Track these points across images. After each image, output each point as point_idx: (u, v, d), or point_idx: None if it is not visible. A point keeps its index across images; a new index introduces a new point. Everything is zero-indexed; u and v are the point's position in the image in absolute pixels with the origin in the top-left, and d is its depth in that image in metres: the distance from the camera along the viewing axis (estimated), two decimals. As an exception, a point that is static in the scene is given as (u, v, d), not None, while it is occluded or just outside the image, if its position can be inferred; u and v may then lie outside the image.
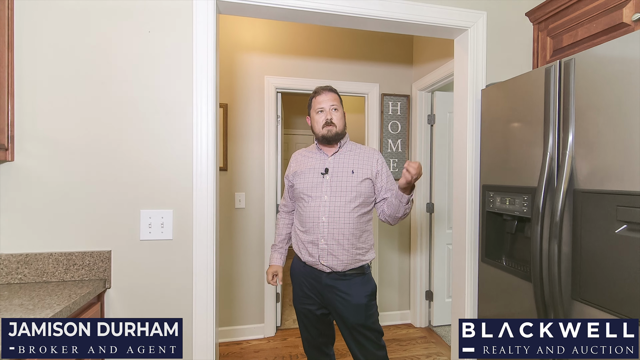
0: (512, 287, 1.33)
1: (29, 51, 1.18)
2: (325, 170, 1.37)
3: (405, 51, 2.77)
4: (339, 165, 1.38)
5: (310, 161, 1.43)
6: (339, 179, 1.36)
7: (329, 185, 1.35)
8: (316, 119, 1.39)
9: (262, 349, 2.36)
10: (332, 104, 1.39)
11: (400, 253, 2.77)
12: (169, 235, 1.29)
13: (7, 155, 1.15)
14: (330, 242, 1.31)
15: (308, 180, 1.38)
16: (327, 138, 1.37)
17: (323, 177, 1.37)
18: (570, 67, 1.08)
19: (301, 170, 1.42)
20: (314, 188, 1.36)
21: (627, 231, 0.92)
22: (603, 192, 0.98)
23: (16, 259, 1.17)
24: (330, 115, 1.37)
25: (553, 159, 1.14)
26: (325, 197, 1.34)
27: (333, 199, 1.33)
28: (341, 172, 1.37)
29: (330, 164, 1.39)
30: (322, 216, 1.32)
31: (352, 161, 1.38)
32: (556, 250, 1.07)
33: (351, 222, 1.32)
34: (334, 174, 1.37)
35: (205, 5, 1.31)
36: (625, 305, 0.91)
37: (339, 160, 1.39)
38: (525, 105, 1.27)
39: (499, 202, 1.38)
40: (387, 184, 1.39)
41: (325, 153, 1.42)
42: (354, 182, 1.34)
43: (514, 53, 1.63)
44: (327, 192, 1.35)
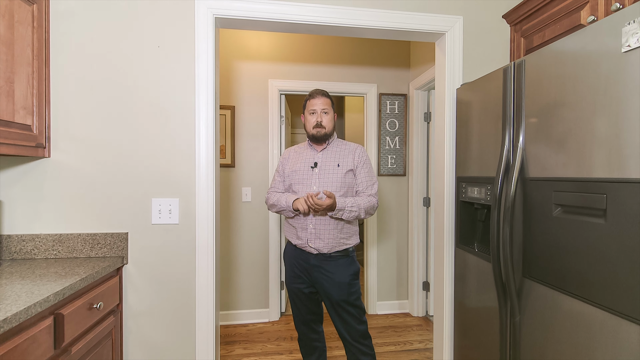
0: (480, 269, 1.45)
1: (61, 67, 1.43)
2: (314, 164, 1.56)
3: (402, 53, 2.89)
4: (327, 160, 1.56)
5: (302, 156, 1.61)
6: (326, 171, 1.54)
7: (317, 177, 1.53)
8: (309, 119, 1.57)
9: (266, 331, 2.56)
10: (324, 108, 1.56)
11: (399, 246, 2.89)
12: (175, 220, 1.51)
13: (45, 153, 1.40)
14: (317, 227, 1.49)
15: (299, 173, 1.57)
16: (316, 137, 1.56)
17: (312, 170, 1.55)
18: (522, 67, 1.20)
19: (293, 164, 1.61)
20: (305, 180, 1.55)
21: (562, 213, 1.03)
22: (543, 179, 1.09)
23: (52, 238, 1.42)
24: (321, 118, 1.55)
25: (510, 151, 1.26)
26: (314, 187, 1.52)
27: (321, 187, 1.51)
28: (328, 165, 1.55)
29: (320, 158, 1.57)
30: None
31: (338, 156, 1.56)
32: (508, 233, 1.19)
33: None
34: (322, 167, 1.55)
35: (205, 24, 1.51)
36: (566, 282, 1.03)
37: (327, 156, 1.57)
38: (489, 103, 1.39)
39: (469, 192, 1.51)
40: (358, 177, 1.56)
41: (315, 149, 1.60)
42: (339, 174, 1.52)
43: (492, 53, 1.73)
44: (315, 182, 1.53)
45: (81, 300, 1.17)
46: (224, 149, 2.65)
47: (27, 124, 1.29)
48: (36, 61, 1.33)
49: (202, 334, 1.52)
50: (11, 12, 1.20)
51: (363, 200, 1.50)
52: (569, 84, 1.02)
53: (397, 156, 2.88)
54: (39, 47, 1.35)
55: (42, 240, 1.41)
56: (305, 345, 1.67)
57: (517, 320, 1.21)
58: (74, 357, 1.12)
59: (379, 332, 2.55)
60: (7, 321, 0.84)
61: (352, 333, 1.52)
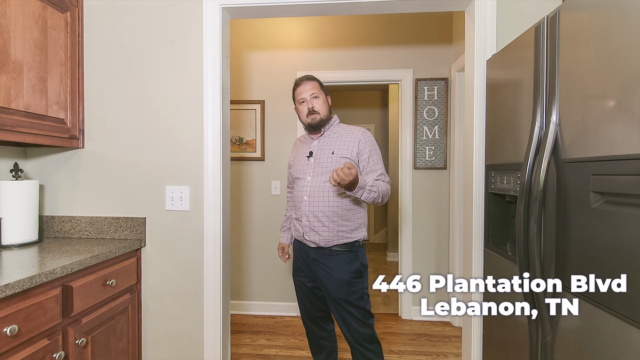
0: (512, 276, 1.20)
1: (94, 67, 1.59)
2: (310, 154, 1.47)
3: (443, 30, 2.60)
4: (322, 148, 1.45)
5: (302, 147, 1.54)
6: (320, 160, 1.43)
7: (312, 167, 1.44)
8: (300, 109, 1.47)
9: (292, 325, 2.54)
10: (312, 93, 1.44)
11: (438, 247, 2.62)
12: (186, 207, 1.56)
13: (79, 143, 1.57)
14: (311, 219, 1.40)
15: (298, 164, 1.50)
16: (313, 125, 1.45)
17: (308, 160, 1.46)
18: (555, 22, 0.95)
19: (294, 156, 1.56)
20: (301, 171, 1.47)
21: (604, 204, 0.78)
22: (579, 160, 0.84)
23: (85, 220, 1.59)
24: (312, 104, 1.43)
25: (541, 128, 1.01)
26: (308, 178, 1.43)
27: (314, 178, 1.41)
28: (322, 154, 1.43)
29: (315, 147, 1.47)
30: (304, 195, 1.42)
31: (333, 143, 1.43)
32: (536, 231, 0.96)
33: (331, 200, 1.38)
34: (317, 156, 1.44)
35: (211, 16, 1.53)
36: (609, 298, 0.77)
37: (322, 144, 1.46)
38: (520, 72, 1.14)
39: (498, 182, 1.26)
40: (368, 166, 1.40)
41: (313, 138, 1.51)
42: (333, 162, 1.39)
43: (534, 13, 1.43)
44: (310, 173, 1.44)
45: (94, 276, 1.28)
46: (254, 143, 2.71)
47: (60, 118, 1.46)
48: (69, 62, 1.50)
49: (209, 320, 1.55)
50: (44, 19, 1.36)
51: (381, 184, 1.33)
52: (615, 34, 0.76)
53: (437, 147, 2.60)
54: (72, 49, 1.51)
55: (77, 221, 1.59)
56: (313, 342, 1.59)
57: (548, 341, 0.97)
58: (84, 327, 1.23)
59: (411, 339, 2.34)
60: (10, 287, 0.94)
61: (354, 335, 1.40)
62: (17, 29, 1.25)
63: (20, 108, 1.27)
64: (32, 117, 1.32)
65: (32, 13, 1.31)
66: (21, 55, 1.27)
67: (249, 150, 2.72)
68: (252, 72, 2.71)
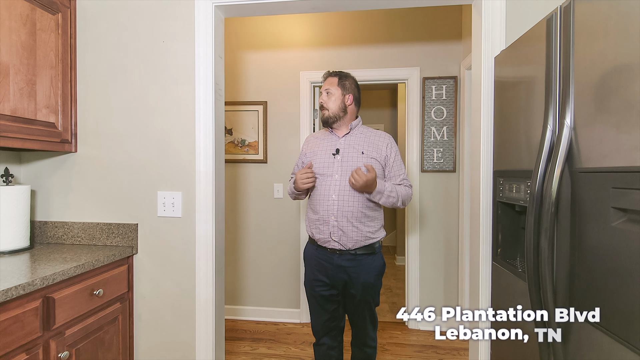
0: (522, 294, 1.09)
1: (88, 69, 1.56)
2: (336, 151, 1.41)
3: (451, 25, 2.47)
4: (350, 147, 1.41)
5: (322, 143, 1.48)
6: (349, 159, 1.39)
7: (339, 164, 1.39)
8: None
9: (294, 332, 2.47)
10: (327, 88, 1.44)
11: (447, 255, 2.49)
12: (178, 214, 1.51)
13: (71, 148, 1.54)
14: (340, 219, 1.35)
15: (321, 159, 1.43)
16: (323, 121, 1.45)
17: (334, 158, 1.41)
18: (569, 13, 0.84)
19: (313, 152, 1.48)
20: (325, 168, 1.41)
21: (628, 224, 0.67)
22: (597, 170, 0.73)
23: (78, 226, 1.56)
24: (323, 99, 1.44)
25: (554, 132, 0.90)
26: (336, 176, 1.38)
27: (343, 177, 1.36)
28: (351, 152, 1.40)
29: (342, 145, 1.43)
30: (332, 194, 1.36)
31: (362, 143, 1.42)
32: (547, 247, 0.85)
33: (360, 200, 1.35)
34: (345, 155, 1.40)
35: (204, 15, 1.47)
36: (629, 331, 0.67)
37: (349, 142, 1.42)
38: (531, 68, 1.03)
39: (507, 191, 1.15)
40: (392, 170, 1.42)
41: (337, 135, 1.46)
42: (363, 162, 1.37)
43: (547, 5, 1.30)
44: (337, 171, 1.38)
45: (79, 286, 1.24)
46: (256, 145, 2.65)
47: (50, 122, 1.43)
48: (60, 65, 1.47)
49: (201, 327, 1.49)
50: (33, 21, 1.33)
51: (401, 188, 1.38)
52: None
53: (445, 149, 2.48)
54: (63, 51, 1.48)
55: (70, 227, 1.56)
56: (320, 352, 1.52)
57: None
58: (68, 339, 1.19)
59: (417, 350, 2.23)
60: (-18, 300, 0.91)
61: (362, 336, 1.48)
62: (2, 31, 1.22)
63: (6, 112, 1.24)
64: (19, 122, 1.29)
65: (20, 14, 1.28)
66: (7, 58, 1.24)
67: (251, 153, 2.66)
68: (253, 72, 2.65)
